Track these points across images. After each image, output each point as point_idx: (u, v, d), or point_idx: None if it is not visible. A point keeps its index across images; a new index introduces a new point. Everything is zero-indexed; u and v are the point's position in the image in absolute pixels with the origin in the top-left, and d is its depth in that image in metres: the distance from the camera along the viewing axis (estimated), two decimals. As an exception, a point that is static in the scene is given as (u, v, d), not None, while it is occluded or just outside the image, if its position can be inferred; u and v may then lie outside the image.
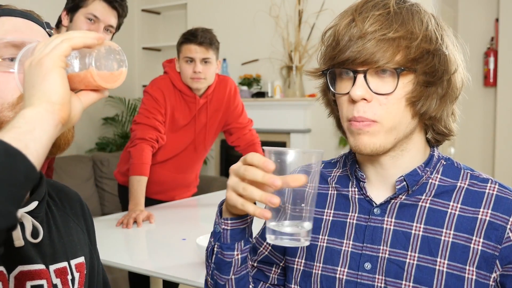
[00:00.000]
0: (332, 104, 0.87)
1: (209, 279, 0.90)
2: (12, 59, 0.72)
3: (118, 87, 0.64)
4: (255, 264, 0.96)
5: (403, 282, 0.79)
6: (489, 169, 4.30)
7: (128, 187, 2.10)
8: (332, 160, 0.97)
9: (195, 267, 1.45)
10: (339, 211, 0.88)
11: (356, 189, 0.87)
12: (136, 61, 5.18)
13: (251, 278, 0.92)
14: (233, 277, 0.87)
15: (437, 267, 0.78)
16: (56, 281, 0.78)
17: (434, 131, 0.84)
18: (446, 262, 0.78)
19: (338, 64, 0.78)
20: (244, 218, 0.83)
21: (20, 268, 0.73)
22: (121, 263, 1.52)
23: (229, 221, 0.83)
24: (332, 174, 0.93)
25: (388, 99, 0.76)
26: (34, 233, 0.75)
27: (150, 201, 2.28)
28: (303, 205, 0.72)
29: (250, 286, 0.91)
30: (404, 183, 0.82)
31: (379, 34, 0.74)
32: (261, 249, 0.96)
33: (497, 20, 4.03)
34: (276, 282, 0.96)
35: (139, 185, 2.02)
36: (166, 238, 1.80)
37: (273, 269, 0.95)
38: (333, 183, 0.91)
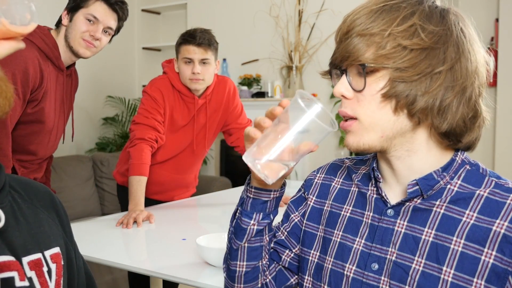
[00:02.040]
0: None
1: (227, 244, 0.95)
2: None
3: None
4: (272, 245, 0.98)
5: (406, 287, 0.78)
6: (489, 169, 4.29)
7: (127, 187, 2.10)
8: (365, 157, 0.96)
9: (195, 267, 1.45)
10: (357, 209, 0.88)
11: (375, 189, 0.87)
12: (136, 61, 5.18)
13: (266, 253, 0.94)
14: (246, 244, 0.91)
15: (442, 276, 0.75)
16: (31, 273, 0.75)
17: (435, 131, 0.77)
18: (452, 271, 0.75)
19: (331, 65, 0.82)
20: (268, 191, 0.88)
21: None
22: (121, 263, 1.52)
23: (253, 190, 0.88)
24: (359, 172, 0.93)
25: (364, 96, 0.77)
26: None
27: (149, 201, 2.28)
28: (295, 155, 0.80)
29: (264, 261, 0.94)
30: (417, 187, 0.79)
31: (355, 33, 0.76)
32: (279, 233, 0.98)
33: (497, 20, 4.02)
34: (287, 265, 0.97)
35: (138, 185, 2.02)
36: (166, 238, 1.80)
37: (286, 251, 0.97)
38: (356, 180, 0.91)
